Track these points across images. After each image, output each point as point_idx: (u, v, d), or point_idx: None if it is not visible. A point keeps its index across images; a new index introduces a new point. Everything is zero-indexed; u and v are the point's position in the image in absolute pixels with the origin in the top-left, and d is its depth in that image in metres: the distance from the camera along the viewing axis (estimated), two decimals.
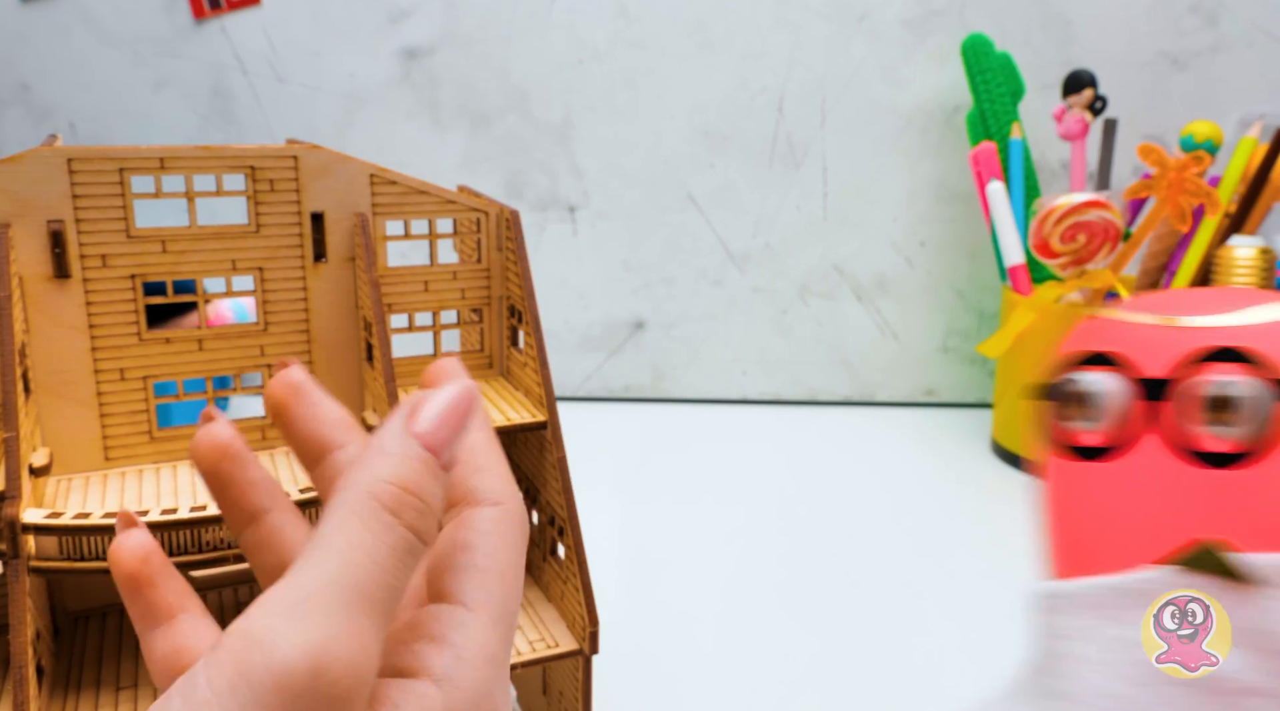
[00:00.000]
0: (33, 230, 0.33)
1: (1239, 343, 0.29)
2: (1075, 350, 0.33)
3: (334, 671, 0.16)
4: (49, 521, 0.29)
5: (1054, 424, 0.32)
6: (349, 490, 0.19)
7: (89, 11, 0.80)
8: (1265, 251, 0.60)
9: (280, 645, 0.16)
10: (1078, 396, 0.31)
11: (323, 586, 0.17)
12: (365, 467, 0.19)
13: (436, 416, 0.20)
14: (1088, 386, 0.31)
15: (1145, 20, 0.80)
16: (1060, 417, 0.32)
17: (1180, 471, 0.29)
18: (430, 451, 0.19)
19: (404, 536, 0.18)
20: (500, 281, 0.42)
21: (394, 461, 0.19)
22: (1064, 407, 0.32)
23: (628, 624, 0.49)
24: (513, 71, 0.82)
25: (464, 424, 0.20)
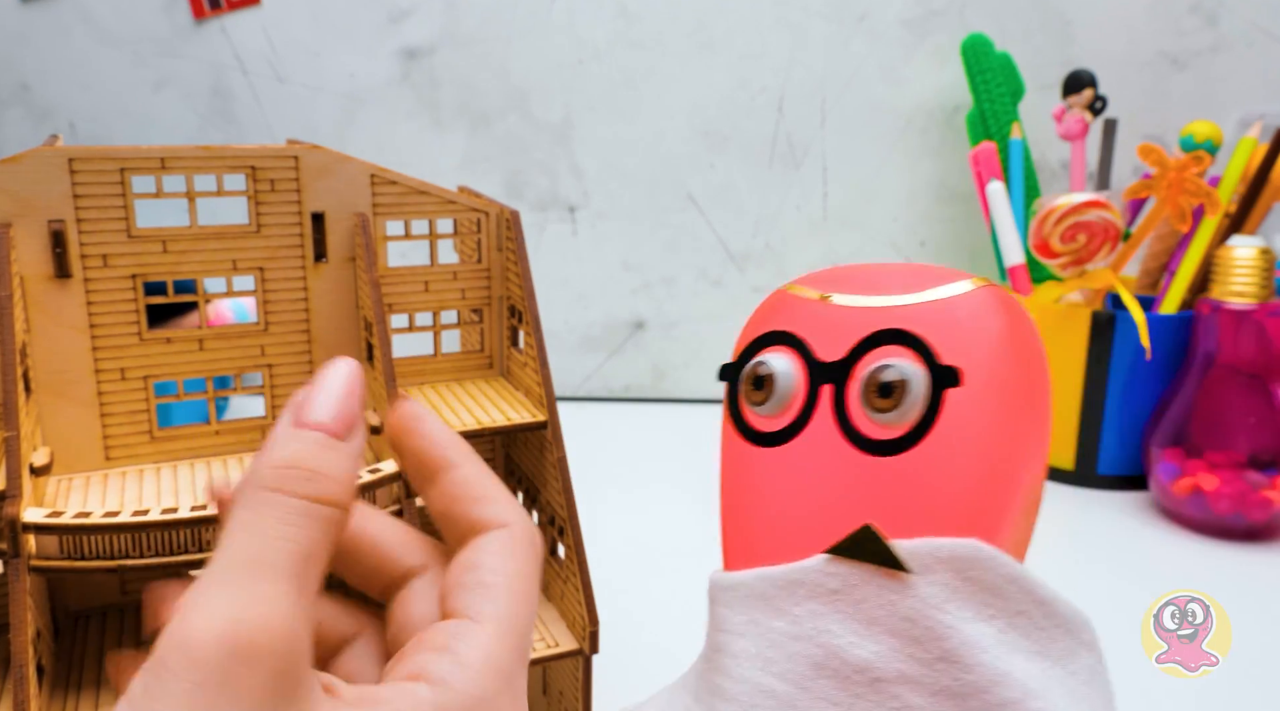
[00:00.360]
0: (34, 230, 0.33)
1: (906, 324, 0.28)
2: (759, 329, 0.31)
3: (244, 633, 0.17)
4: (50, 521, 0.29)
5: (736, 406, 0.30)
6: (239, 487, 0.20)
7: (89, 11, 0.80)
8: (1265, 251, 0.60)
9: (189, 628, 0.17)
10: (755, 379, 0.30)
11: (217, 569, 0.18)
12: (253, 461, 0.20)
13: (316, 397, 0.21)
14: (765, 369, 0.29)
15: (1145, 20, 0.80)
16: (742, 399, 0.30)
17: (845, 458, 0.28)
18: (319, 429, 0.21)
19: (291, 504, 0.19)
20: (500, 281, 0.42)
21: (273, 449, 0.20)
22: (744, 389, 0.30)
23: (628, 624, 0.49)
24: (513, 71, 0.82)
25: (345, 392, 0.22)
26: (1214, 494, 0.60)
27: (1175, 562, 0.58)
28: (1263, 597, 0.54)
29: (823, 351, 0.29)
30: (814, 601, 0.26)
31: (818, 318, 0.30)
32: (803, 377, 0.29)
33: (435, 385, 0.41)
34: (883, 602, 0.26)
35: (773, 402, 0.29)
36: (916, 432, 0.27)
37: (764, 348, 0.30)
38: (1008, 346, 0.28)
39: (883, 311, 0.29)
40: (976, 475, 0.27)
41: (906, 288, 0.29)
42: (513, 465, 0.43)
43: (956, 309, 0.28)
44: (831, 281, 0.31)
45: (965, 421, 0.27)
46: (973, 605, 0.25)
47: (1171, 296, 0.67)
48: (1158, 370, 0.66)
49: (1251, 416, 0.60)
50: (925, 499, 0.26)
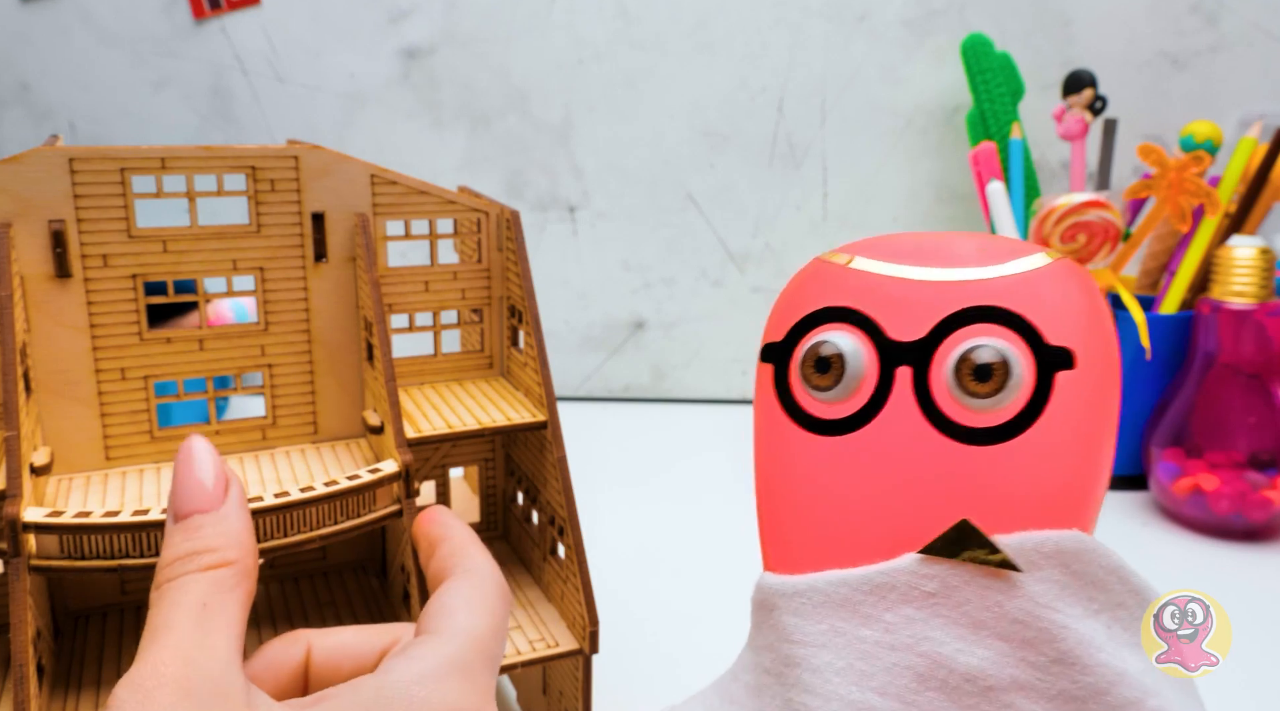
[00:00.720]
0: (34, 230, 0.33)
1: (998, 300, 0.25)
2: (815, 305, 0.28)
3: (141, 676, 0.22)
4: (50, 520, 0.29)
5: (788, 391, 0.27)
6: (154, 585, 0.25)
7: (89, 11, 0.80)
8: (1265, 251, 0.60)
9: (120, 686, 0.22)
10: (817, 360, 0.26)
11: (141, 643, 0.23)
12: None
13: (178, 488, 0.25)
14: (829, 349, 0.26)
15: (1145, 20, 0.80)
16: (796, 384, 0.27)
17: (931, 447, 0.25)
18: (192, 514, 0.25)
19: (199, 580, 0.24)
20: (500, 281, 0.42)
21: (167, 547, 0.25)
22: (802, 371, 0.27)
23: (628, 623, 0.50)
24: (513, 71, 0.82)
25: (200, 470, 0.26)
26: (1214, 494, 0.60)
27: (1175, 562, 0.58)
28: (1263, 597, 0.54)
29: (895, 330, 0.26)
30: (908, 606, 0.24)
31: (883, 291, 0.27)
32: (873, 359, 0.26)
33: (435, 385, 0.41)
34: (988, 604, 0.24)
35: (840, 387, 0.26)
36: (1022, 419, 0.24)
37: (818, 325, 0.27)
38: (1096, 324, 0.26)
39: (960, 286, 0.26)
40: (1077, 462, 0.25)
41: (979, 259, 0.26)
42: (513, 465, 0.43)
43: (1042, 283, 0.26)
44: (884, 250, 0.28)
45: (1069, 406, 0.25)
46: (1081, 601, 0.24)
47: (1171, 296, 0.67)
48: (1158, 370, 0.66)
49: (1251, 416, 0.60)
50: (1025, 489, 0.24)
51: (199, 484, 0.26)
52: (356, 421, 0.40)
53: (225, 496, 0.26)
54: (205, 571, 0.24)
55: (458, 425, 0.36)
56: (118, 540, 0.29)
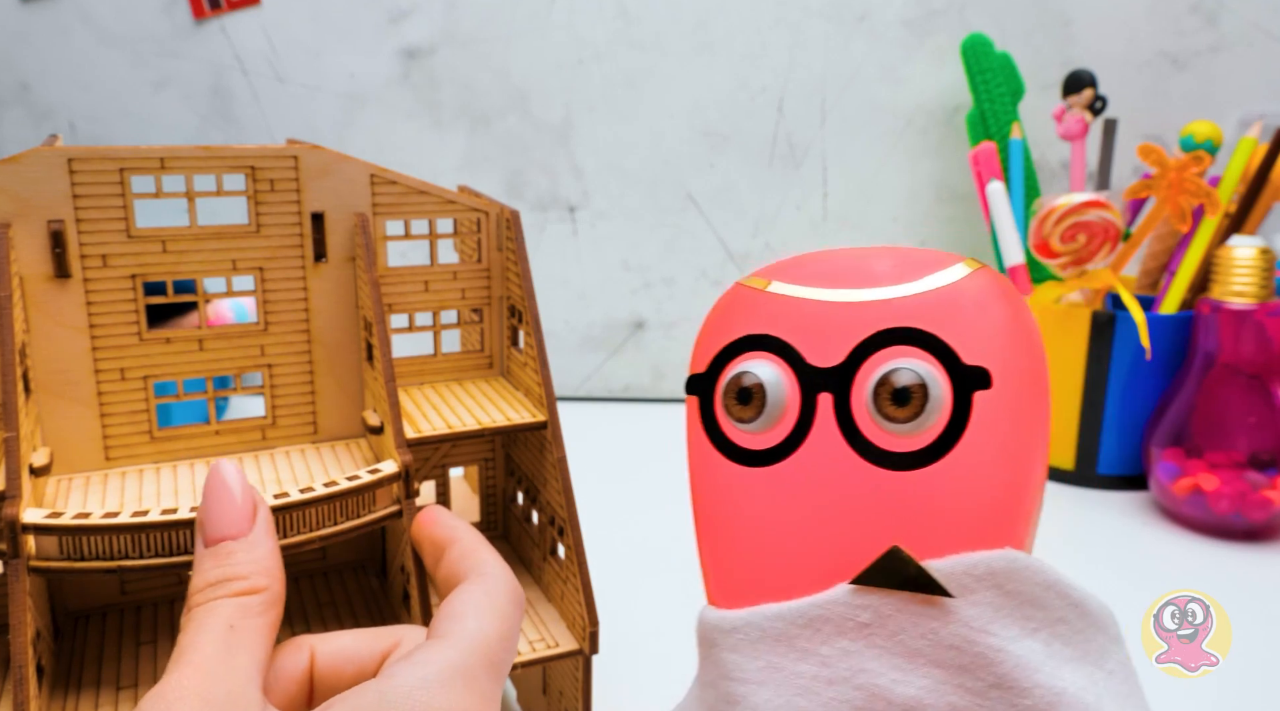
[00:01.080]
0: (33, 230, 0.33)
1: (913, 320, 0.25)
2: (735, 334, 0.27)
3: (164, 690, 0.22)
4: (49, 521, 0.29)
5: (714, 422, 0.27)
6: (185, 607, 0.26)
7: (89, 11, 0.80)
8: (1265, 251, 0.60)
9: None
10: (739, 391, 0.26)
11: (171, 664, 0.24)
12: None
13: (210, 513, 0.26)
14: (750, 379, 0.26)
15: (1145, 20, 0.80)
16: (721, 415, 0.27)
17: (856, 474, 0.25)
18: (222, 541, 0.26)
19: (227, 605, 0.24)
20: (500, 281, 0.42)
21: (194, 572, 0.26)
22: (724, 403, 0.27)
23: (628, 624, 0.49)
24: (513, 71, 0.82)
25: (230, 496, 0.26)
26: (1214, 494, 0.60)
27: (1175, 562, 0.58)
28: (1263, 597, 0.54)
29: (814, 356, 0.26)
30: (844, 638, 0.24)
31: (801, 316, 0.26)
32: (794, 387, 0.26)
33: (435, 385, 0.41)
34: (923, 632, 0.23)
35: (763, 418, 0.26)
36: (943, 442, 0.24)
37: (739, 354, 0.27)
38: (1017, 336, 0.25)
39: (878, 306, 0.25)
40: (1002, 480, 0.24)
41: (896, 277, 0.26)
42: (513, 465, 0.43)
43: (959, 299, 0.25)
44: (801, 272, 0.27)
45: (990, 425, 0.24)
46: (1016, 621, 0.23)
47: (1171, 296, 0.67)
48: (1158, 370, 0.66)
49: (1251, 416, 0.60)
50: (951, 511, 0.24)
51: (230, 510, 0.26)
52: (356, 421, 0.40)
53: (254, 522, 0.26)
54: (234, 597, 0.25)
55: (458, 425, 0.36)
56: (117, 541, 0.29)
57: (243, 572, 0.25)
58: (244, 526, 0.26)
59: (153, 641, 0.36)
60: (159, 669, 0.34)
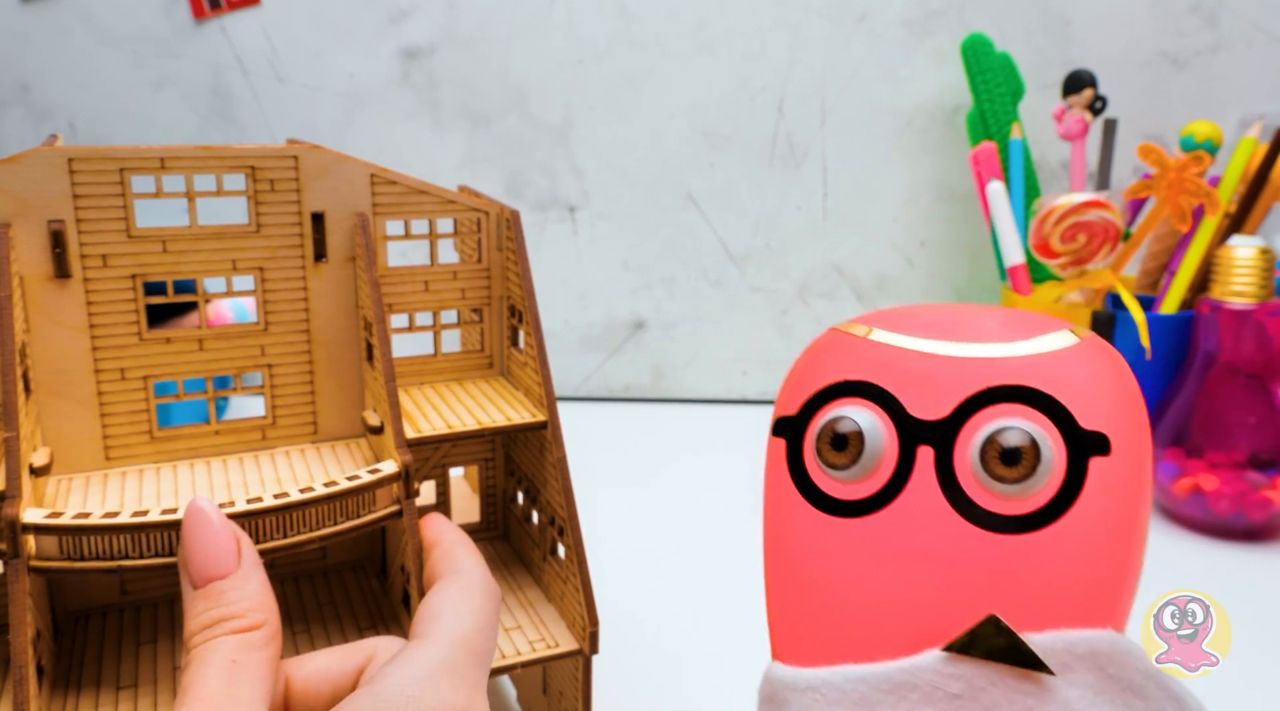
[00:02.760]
0: (33, 230, 0.33)
1: (1027, 380, 0.24)
2: (831, 378, 0.26)
3: None
4: (49, 521, 0.29)
5: (801, 468, 0.26)
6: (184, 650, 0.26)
7: (89, 11, 0.80)
8: (1265, 251, 0.60)
9: None
10: (834, 437, 0.25)
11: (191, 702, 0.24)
12: None
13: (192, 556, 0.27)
14: (847, 425, 0.25)
15: (1145, 20, 0.80)
16: (811, 461, 0.26)
17: (956, 534, 0.23)
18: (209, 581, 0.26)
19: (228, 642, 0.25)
20: (500, 281, 0.42)
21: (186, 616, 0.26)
22: (817, 448, 0.25)
23: (628, 624, 0.49)
24: (513, 71, 0.82)
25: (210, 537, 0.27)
26: (1214, 494, 0.60)
27: (1175, 562, 0.58)
28: (1263, 597, 0.54)
29: (916, 408, 0.25)
30: (930, 707, 0.22)
31: (904, 366, 0.25)
32: (893, 437, 0.25)
33: (435, 385, 0.41)
34: (1019, 709, 0.22)
35: (858, 466, 0.25)
36: (1054, 508, 0.23)
37: (834, 399, 0.26)
38: (1129, 407, 0.24)
39: (987, 363, 0.24)
40: (1110, 552, 0.23)
41: (1005, 335, 0.25)
42: (513, 465, 0.43)
43: (1072, 362, 0.24)
44: (904, 322, 0.27)
45: (1103, 495, 0.23)
46: (1117, 707, 0.22)
47: (1171, 296, 0.67)
48: (1158, 370, 0.66)
49: (1251, 416, 0.60)
50: (1055, 583, 0.23)
51: (214, 548, 0.26)
52: (356, 421, 0.40)
53: (240, 557, 0.26)
54: (233, 635, 0.25)
55: (458, 425, 0.36)
56: (117, 541, 0.29)
57: (238, 611, 0.25)
58: (230, 563, 0.26)
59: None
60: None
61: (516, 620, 0.38)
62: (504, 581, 0.41)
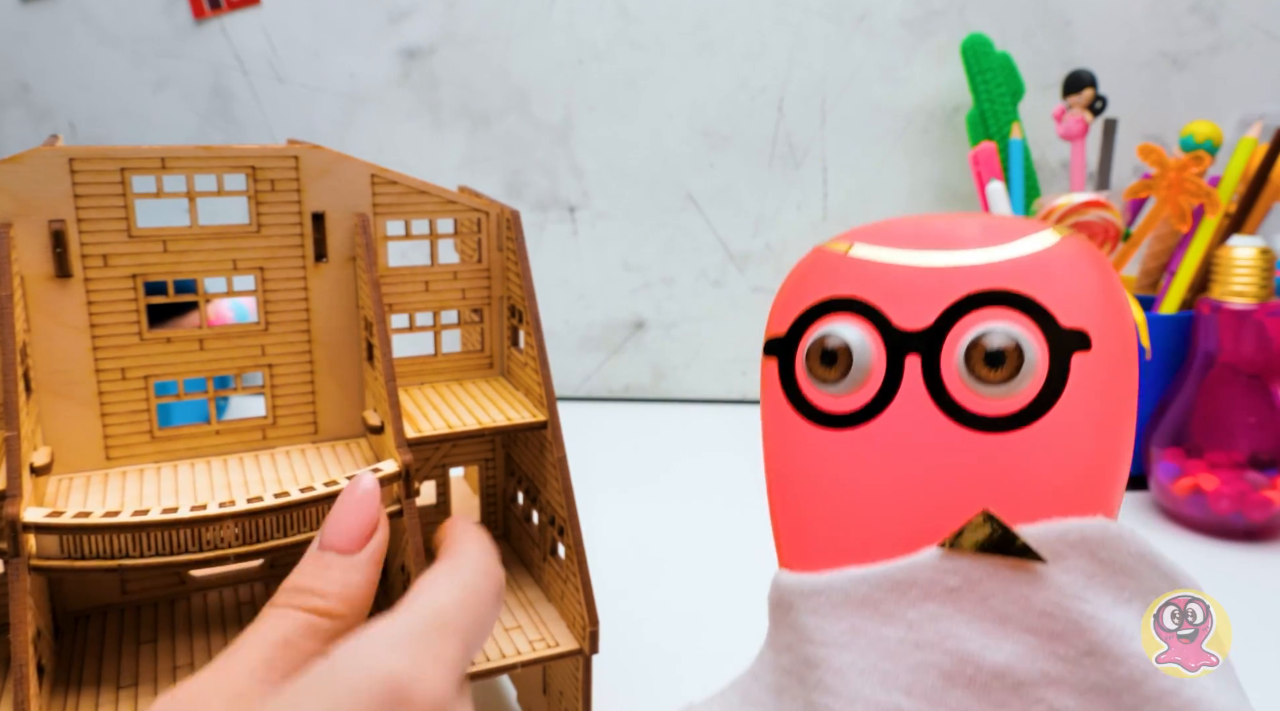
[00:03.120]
0: (34, 230, 0.33)
1: (1007, 283, 0.24)
2: (817, 296, 0.27)
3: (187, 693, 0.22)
4: (50, 520, 0.29)
5: (794, 385, 0.27)
6: None
7: (89, 11, 0.80)
8: (1265, 251, 0.60)
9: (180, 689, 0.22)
10: (823, 353, 0.26)
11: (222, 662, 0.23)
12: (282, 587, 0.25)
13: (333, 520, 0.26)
14: (835, 341, 0.25)
15: (1145, 20, 0.80)
16: (802, 378, 0.26)
17: (946, 437, 0.24)
18: (335, 549, 0.25)
19: (296, 618, 0.24)
20: (501, 281, 0.42)
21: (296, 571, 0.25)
22: (808, 365, 0.26)
23: (628, 623, 0.50)
24: (513, 71, 0.82)
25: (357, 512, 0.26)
26: (1214, 494, 0.60)
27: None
28: (1263, 597, 0.54)
29: (901, 318, 0.25)
30: (931, 602, 0.23)
31: (887, 279, 0.26)
32: (880, 349, 0.25)
33: (435, 385, 0.41)
34: (1014, 597, 0.23)
35: (848, 380, 0.25)
36: (1039, 405, 0.24)
37: (821, 316, 0.26)
38: (1111, 301, 0.25)
39: (968, 270, 0.25)
40: (1098, 446, 0.24)
41: (984, 240, 0.25)
42: (513, 465, 0.43)
43: (1053, 263, 0.25)
44: (885, 235, 0.27)
45: (1087, 389, 0.24)
46: (1110, 589, 0.23)
47: (1171, 296, 0.67)
48: (1158, 370, 0.66)
49: (1251, 416, 0.60)
50: (1043, 476, 0.24)
51: (353, 522, 0.26)
52: (356, 421, 0.40)
53: (365, 546, 0.26)
54: (306, 612, 0.24)
55: (458, 425, 0.36)
56: (117, 540, 0.29)
57: (328, 591, 0.25)
58: (354, 542, 0.26)
59: (153, 641, 0.36)
60: (159, 668, 0.34)
61: (516, 620, 0.38)
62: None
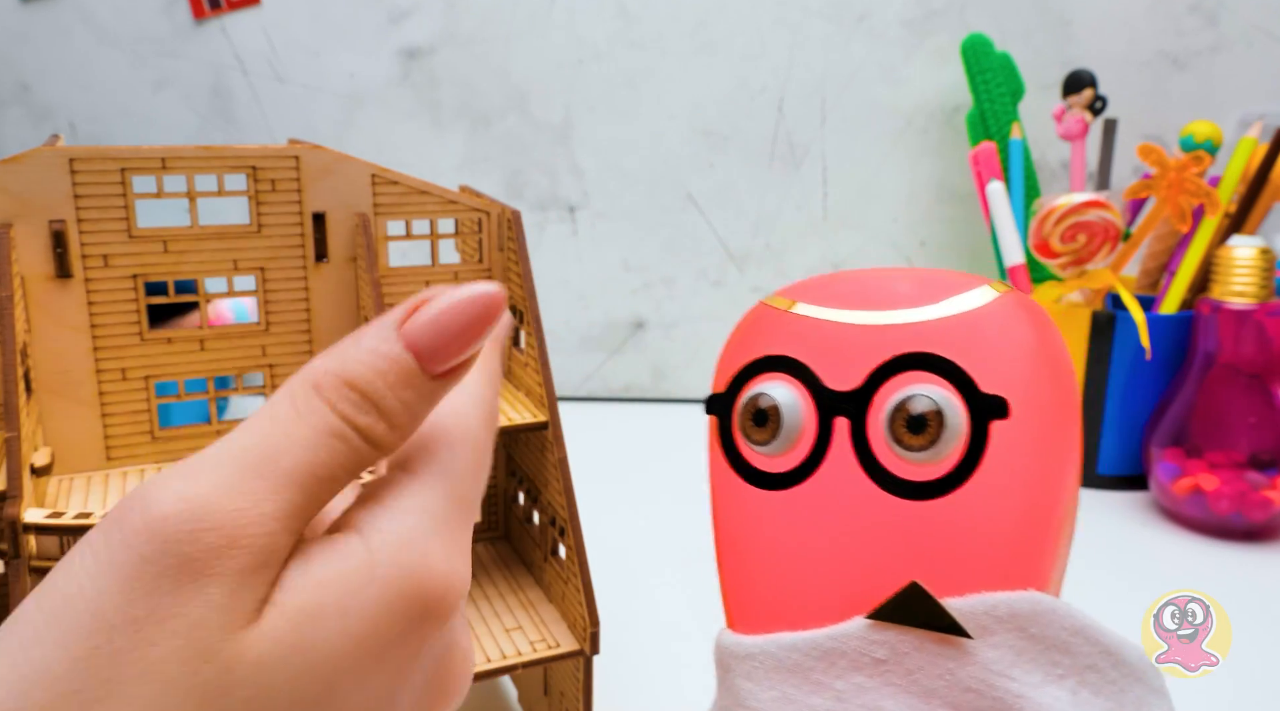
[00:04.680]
0: (35, 230, 0.33)
1: (931, 346, 0.24)
2: (754, 354, 0.27)
3: (211, 520, 0.15)
4: (50, 521, 0.29)
5: (732, 443, 0.26)
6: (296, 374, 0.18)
7: (89, 11, 0.80)
8: (1265, 251, 0.60)
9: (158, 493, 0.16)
10: (755, 413, 0.25)
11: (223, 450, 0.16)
12: (327, 355, 0.18)
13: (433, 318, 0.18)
14: (766, 401, 0.25)
15: (1145, 20, 0.80)
16: (739, 437, 0.26)
17: (872, 502, 0.24)
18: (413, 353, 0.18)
19: (331, 421, 0.17)
20: (501, 281, 0.42)
21: (354, 354, 0.18)
22: (741, 425, 0.26)
23: (628, 624, 0.50)
24: (513, 71, 0.82)
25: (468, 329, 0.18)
26: (1214, 494, 0.60)
27: (1175, 562, 0.58)
28: (1263, 597, 0.54)
29: (832, 379, 0.25)
30: (858, 673, 0.23)
31: (820, 338, 0.26)
32: (811, 410, 0.25)
33: None
34: (940, 672, 0.22)
35: (779, 440, 0.25)
36: (959, 473, 0.23)
37: (757, 375, 0.26)
38: (1043, 364, 0.25)
39: (897, 330, 0.25)
40: (1023, 513, 0.23)
41: (919, 299, 0.25)
42: (514, 465, 0.43)
43: (982, 324, 0.24)
44: (825, 293, 0.27)
45: (1010, 455, 0.23)
46: (1041, 666, 0.22)
47: (1171, 296, 0.67)
48: (1158, 370, 0.66)
49: (1251, 416, 0.60)
50: (968, 544, 0.23)
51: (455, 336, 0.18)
52: None
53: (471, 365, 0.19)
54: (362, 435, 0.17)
55: None
56: None
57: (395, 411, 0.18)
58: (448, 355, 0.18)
59: None
60: None
61: (517, 620, 0.38)
62: (505, 581, 0.41)
